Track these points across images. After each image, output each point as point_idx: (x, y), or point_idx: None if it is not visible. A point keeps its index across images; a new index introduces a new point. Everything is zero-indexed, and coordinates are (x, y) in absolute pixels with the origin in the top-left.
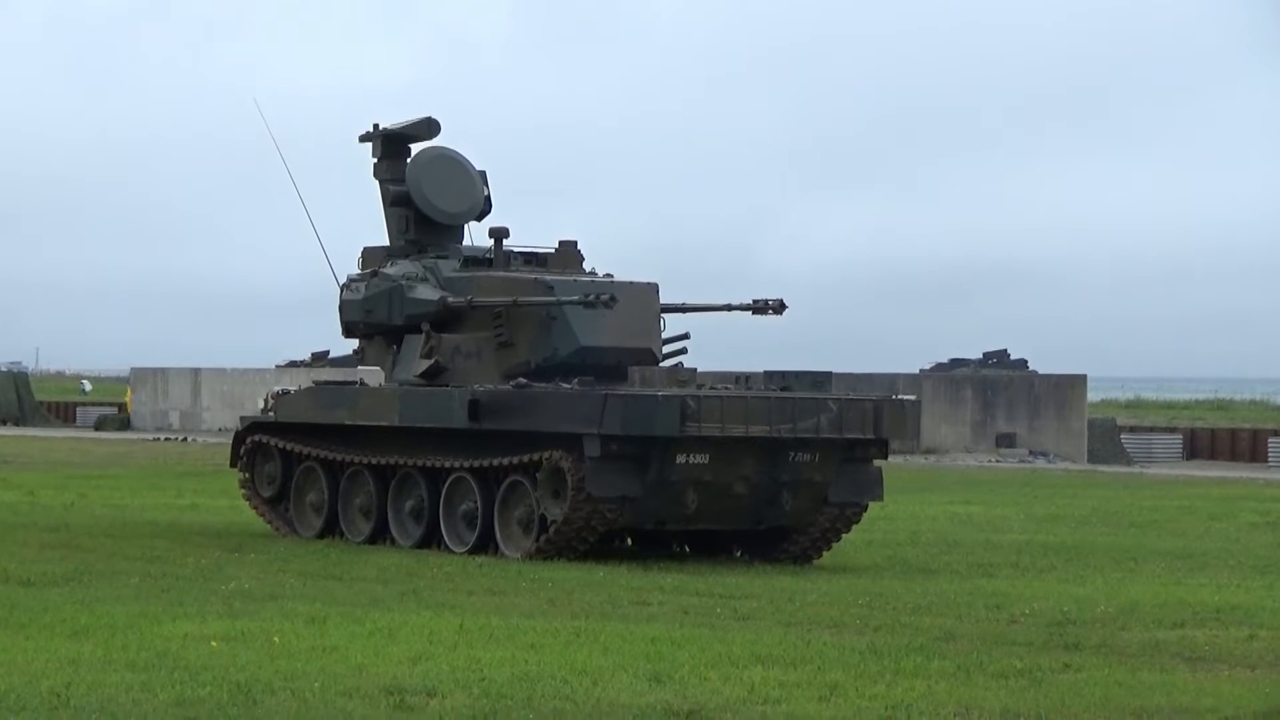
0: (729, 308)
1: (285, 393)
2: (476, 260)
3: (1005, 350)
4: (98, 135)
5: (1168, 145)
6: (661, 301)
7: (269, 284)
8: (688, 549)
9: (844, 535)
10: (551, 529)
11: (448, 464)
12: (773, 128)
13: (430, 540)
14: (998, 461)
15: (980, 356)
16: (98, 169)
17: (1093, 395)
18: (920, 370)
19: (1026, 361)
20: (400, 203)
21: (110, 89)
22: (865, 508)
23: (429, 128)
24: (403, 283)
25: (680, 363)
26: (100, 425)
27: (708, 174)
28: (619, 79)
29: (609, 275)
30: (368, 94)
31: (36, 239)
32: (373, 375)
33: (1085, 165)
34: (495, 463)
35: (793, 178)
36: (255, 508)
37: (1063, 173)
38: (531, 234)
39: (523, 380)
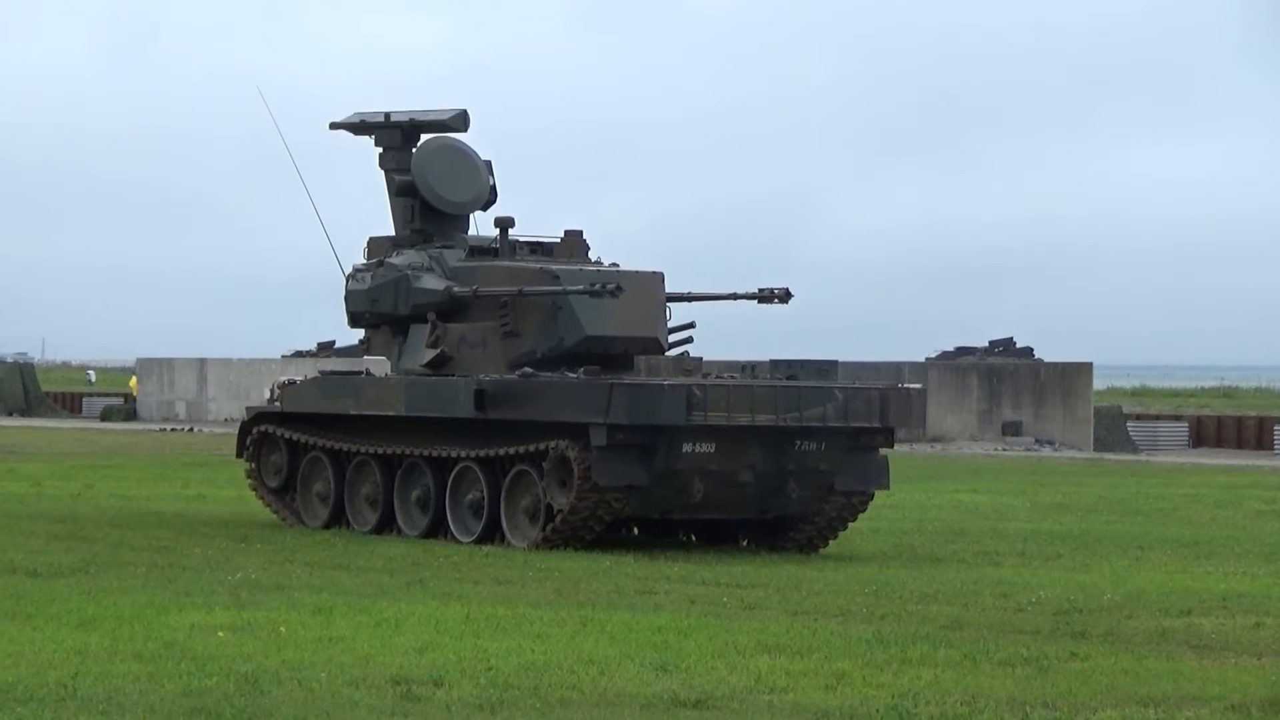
0: (734, 296)
1: (291, 383)
2: (482, 250)
3: (1011, 338)
4: (104, 124)
5: (1178, 131)
6: (667, 290)
7: (274, 274)
8: (694, 538)
9: (850, 524)
10: (558, 518)
11: (454, 454)
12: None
13: (436, 530)
14: (1003, 450)
15: (986, 345)
16: (105, 158)
17: (1098, 383)
18: (926, 358)
19: (1032, 349)
20: (406, 192)
21: (116, 78)
22: (871, 496)
23: (462, 120)
24: (408, 272)
25: (686, 352)
26: (106, 416)
27: (718, 161)
28: (640, 62)
29: (615, 264)
30: (370, 81)
31: (43, 228)
32: (378, 365)
33: (1098, 152)
34: (501, 452)
35: (812, 163)
36: (261, 498)
37: (1072, 160)
38: (538, 224)
39: (528, 370)
